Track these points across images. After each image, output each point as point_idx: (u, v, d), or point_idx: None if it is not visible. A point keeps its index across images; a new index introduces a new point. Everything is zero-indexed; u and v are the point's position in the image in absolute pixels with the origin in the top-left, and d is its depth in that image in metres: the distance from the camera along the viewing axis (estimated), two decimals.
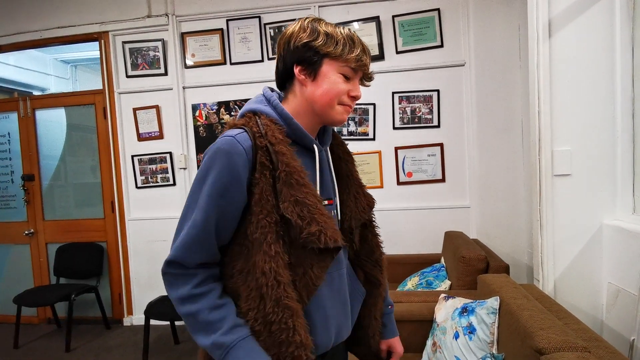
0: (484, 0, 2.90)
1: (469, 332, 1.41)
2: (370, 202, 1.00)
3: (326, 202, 0.92)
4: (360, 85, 0.93)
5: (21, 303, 2.99)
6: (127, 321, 3.45)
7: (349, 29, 0.91)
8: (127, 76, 3.43)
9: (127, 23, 3.37)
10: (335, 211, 0.95)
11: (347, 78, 0.89)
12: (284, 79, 0.94)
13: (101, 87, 3.47)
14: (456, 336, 1.44)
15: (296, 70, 0.89)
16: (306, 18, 0.91)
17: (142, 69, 3.43)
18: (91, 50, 4.03)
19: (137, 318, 3.44)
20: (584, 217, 1.70)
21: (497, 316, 1.38)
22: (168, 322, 3.02)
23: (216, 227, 0.84)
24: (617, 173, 1.67)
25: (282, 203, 0.82)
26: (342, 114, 0.90)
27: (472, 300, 1.56)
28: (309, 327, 0.84)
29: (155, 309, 2.64)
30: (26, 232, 3.53)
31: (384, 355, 1.09)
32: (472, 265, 2.01)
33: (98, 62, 3.51)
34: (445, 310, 1.62)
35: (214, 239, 0.85)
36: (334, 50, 0.86)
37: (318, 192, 0.89)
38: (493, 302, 1.41)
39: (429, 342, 1.61)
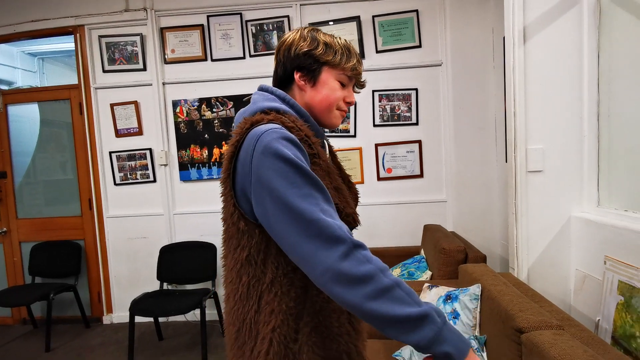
0: (460, 3, 3.02)
1: (453, 317, 1.52)
2: (356, 194, 1.05)
3: None
4: None
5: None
6: (107, 319, 3.41)
7: (345, 40, 0.97)
8: (104, 71, 3.37)
9: (103, 17, 3.30)
10: None
11: (342, 85, 0.95)
12: (283, 84, 0.97)
13: (76, 82, 3.39)
14: None
15: (296, 76, 0.93)
16: (305, 28, 0.96)
17: (119, 64, 3.37)
18: (59, 43, 3.90)
19: (117, 316, 3.40)
20: (554, 210, 1.85)
21: (479, 302, 1.49)
22: (151, 319, 3.02)
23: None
24: (584, 169, 1.82)
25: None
26: (338, 118, 0.96)
27: (455, 288, 1.67)
28: None
29: (139, 305, 2.64)
30: None
31: None
32: (452, 257, 2.13)
33: (67, 55, 3.42)
34: (429, 298, 1.72)
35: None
36: (332, 59, 0.92)
37: None
38: (475, 289, 1.53)
39: None
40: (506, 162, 2.32)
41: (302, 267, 0.76)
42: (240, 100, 3.25)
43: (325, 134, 1.02)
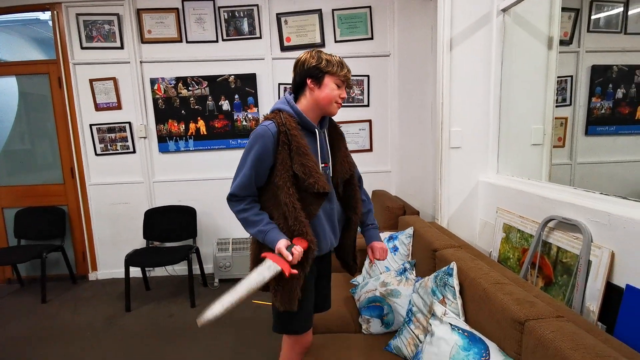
0: (407, 3, 3.57)
1: (394, 251, 2.15)
2: (351, 167, 1.61)
3: (323, 165, 1.52)
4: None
5: None
6: (92, 276, 3.78)
7: (339, 57, 1.48)
8: (82, 47, 3.58)
9: None
10: (328, 171, 1.55)
11: (338, 87, 1.47)
12: (299, 86, 1.49)
13: (54, 57, 3.58)
14: None
15: (308, 81, 1.45)
16: (313, 50, 1.47)
17: (97, 42, 3.60)
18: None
19: (102, 273, 3.78)
20: (467, 176, 2.51)
21: (412, 239, 2.13)
22: (137, 274, 3.45)
23: (255, 177, 1.44)
24: (489, 146, 2.48)
25: (294, 165, 1.41)
26: (335, 108, 1.49)
27: (396, 232, 2.30)
28: (314, 235, 1.46)
29: (133, 259, 3.06)
30: None
31: (370, 254, 1.72)
32: (394, 212, 2.77)
33: (21, 24, 3.58)
34: None
35: (253, 184, 1.46)
36: (331, 70, 1.44)
37: (318, 159, 1.49)
38: (409, 231, 2.16)
39: (367, 260, 2.34)
40: (434, 140, 2.96)
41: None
42: (214, 81, 3.63)
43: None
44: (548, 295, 1.42)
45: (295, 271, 1.38)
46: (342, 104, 1.54)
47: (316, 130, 1.51)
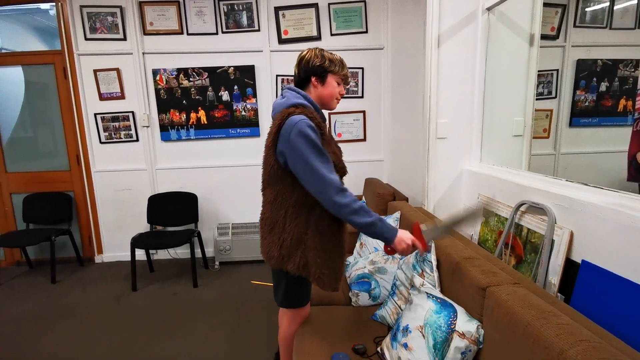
0: None
1: None
2: (341, 154, 1.76)
3: None
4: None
5: (5, 244, 3.35)
6: (98, 259, 3.96)
7: (340, 57, 1.63)
8: (86, 39, 3.71)
9: None
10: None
11: (338, 84, 1.63)
12: (302, 81, 1.62)
13: (59, 48, 3.71)
14: None
15: (313, 79, 1.59)
16: (316, 49, 1.61)
17: (100, 33, 3.72)
18: None
19: (107, 256, 3.96)
20: (452, 165, 2.69)
21: (398, 222, 2.31)
22: (142, 257, 3.64)
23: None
24: (473, 138, 2.66)
25: (328, 153, 1.54)
26: (335, 103, 1.65)
27: (385, 216, 2.49)
28: None
29: (138, 241, 3.24)
30: None
31: None
32: (384, 198, 2.95)
33: (21, 13, 3.71)
34: None
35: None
36: (333, 69, 1.59)
37: None
38: (397, 215, 2.35)
39: (358, 243, 2.53)
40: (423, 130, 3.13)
41: (316, 197, 1.45)
42: (214, 72, 3.77)
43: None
44: (513, 269, 1.61)
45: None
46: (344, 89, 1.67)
47: (326, 123, 1.67)
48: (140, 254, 3.66)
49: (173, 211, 3.67)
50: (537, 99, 3.01)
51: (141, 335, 2.54)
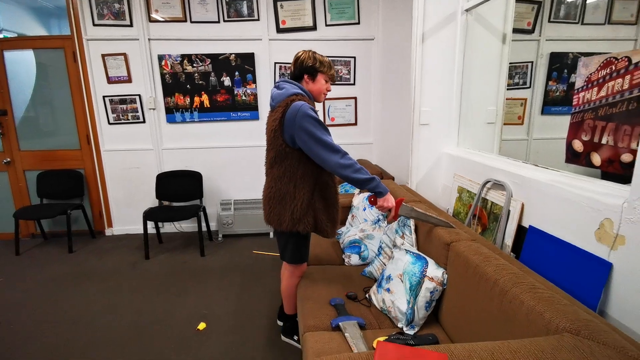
0: None
1: (371, 206, 2.70)
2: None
3: None
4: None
5: (25, 217, 3.64)
6: (108, 232, 4.28)
7: (329, 59, 1.97)
8: (94, 25, 3.93)
9: None
10: None
11: (326, 82, 1.97)
12: (297, 78, 1.96)
13: (69, 33, 3.92)
14: (364, 209, 2.74)
15: (305, 76, 1.94)
16: (309, 50, 1.95)
17: (108, 19, 3.94)
18: None
19: (117, 229, 4.28)
20: (433, 149, 3.06)
21: None
22: (153, 230, 3.96)
23: None
24: (451, 124, 3.03)
25: None
26: (322, 98, 2.00)
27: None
28: None
29: (150, 215, 3.57)
30: (4, 161, 4.02)
31: None
32: None
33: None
34: (358, 199, 2.90)
35: None
36: (323, 69, 1.93)
37: None
38: None
39: (349, 216, 2.90)
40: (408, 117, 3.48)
41: (322, 165, 1.80)
42: (216, 58, 4.04)
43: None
44: (476, 233, 2.00)
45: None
46: (330, 85, 2.01)
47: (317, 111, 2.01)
48: (149, 228, 3.99)
49: (180, 188, 3.99)
50: (512, 89, 3.41)
51: (160, 295, 2.91)
